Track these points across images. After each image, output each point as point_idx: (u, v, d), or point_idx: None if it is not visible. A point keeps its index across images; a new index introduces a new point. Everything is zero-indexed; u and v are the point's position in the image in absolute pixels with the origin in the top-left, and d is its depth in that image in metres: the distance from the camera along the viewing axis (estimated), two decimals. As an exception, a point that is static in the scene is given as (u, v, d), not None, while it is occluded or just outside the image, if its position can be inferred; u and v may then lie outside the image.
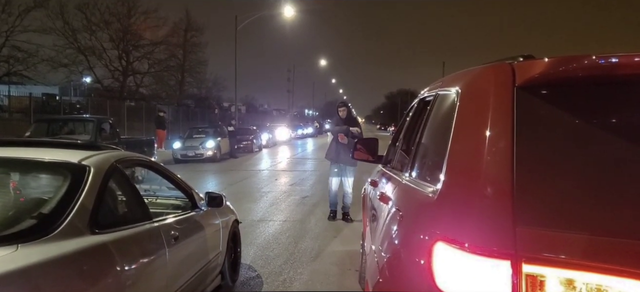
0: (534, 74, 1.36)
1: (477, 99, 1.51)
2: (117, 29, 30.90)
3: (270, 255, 5.35)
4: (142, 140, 12.44)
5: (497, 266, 1.10)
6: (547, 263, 1.07)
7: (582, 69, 1.35)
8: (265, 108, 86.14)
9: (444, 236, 1.24)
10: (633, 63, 1.32)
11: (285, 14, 28.64)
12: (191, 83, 40.02)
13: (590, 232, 1.09)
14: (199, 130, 18.48)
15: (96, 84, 33.21)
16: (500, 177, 1.21)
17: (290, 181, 11.91)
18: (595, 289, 1.03)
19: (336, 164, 7.14)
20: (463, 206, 1.29)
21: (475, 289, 1.14)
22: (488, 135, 1.32)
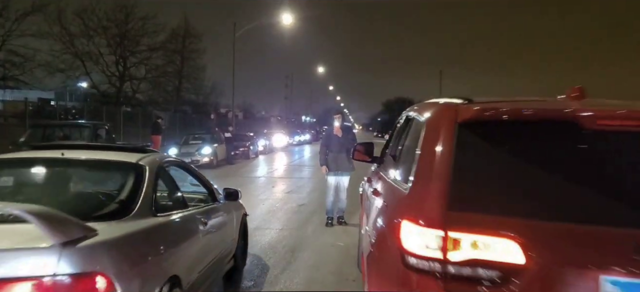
0: (466, 115, 2.15)
1: (434, 128, 2.25)
2: (114, 35, 30.88)
3: (267, 264, 5.29)
4: (137, 146, 12.31)
5: (436, 233, 1.91)
6: (463, 231, 1.88)
7: (490, 112, 2.16)
8: (263, 114, 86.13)
9: (408, 217, 2.05)
10: (517, 106, 2.26)
11: (284, 22, 28.71)
12: (189, 89, 39.90)
13: (489, 214, 1.91)
14: (196, 137, 18.39)
15: (92, 89, 33.13)
16: (442, 182, 2.00)
17: (286, 188, 11.84)
18: (484, 244, 1.86)
19: (334, 174, 7.12)
20: (420, 200, 2.09)
21: (422, 246, 1.94)
22: (438, 153, 2.11)
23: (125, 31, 31.29)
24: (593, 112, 2.01)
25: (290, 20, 28.34)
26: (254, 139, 24.34)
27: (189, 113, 41.24)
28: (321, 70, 60.87)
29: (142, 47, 32.67)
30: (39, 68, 25.88)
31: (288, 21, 28.44)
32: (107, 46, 31.00)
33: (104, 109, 22.40)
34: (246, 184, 12.89)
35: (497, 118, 2.12)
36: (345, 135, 7.18)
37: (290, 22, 28.69)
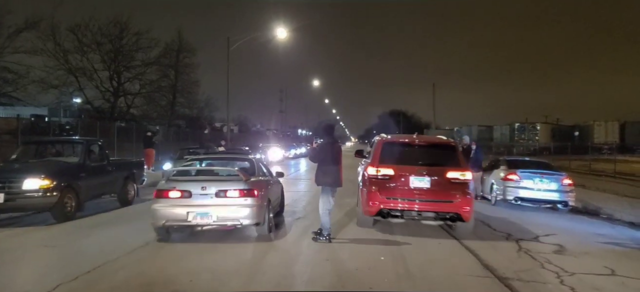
0: (384, 140, 8.53)
1: (377, 143, 8.55)
2: (108, 50, 30.77)
3: (262, 280, 5.20)
4: (131, 162, 12.20)
5: (376, 168, 7.89)
6: (381, 168, 7.93)
7: (393, 140, 8.69)
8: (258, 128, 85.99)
9: (370, 165, 8.06)
10: (406, 139, 8.97)
11: (278, 36, 28.73)
12: (183, 103, 39.76)
13: (387, 165, 7.88)
14: (190, 151, 18.25)
15: (86, 105, 32.96)
16: (377, 157, 8.03)
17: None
18: (385, 170, 7.81)
19: (330, 188, 7.07)
20: (373, 162, 8.06)
21: (372, 172, 7.90)
22: (376, 150, 8.25)
23: (120, 47, 31.20)
24: (416, 140, 8.69)
25: (285, 34, 28.39)
26: (250, 153, 24.23)
27: (183, 127, 41.10)
28: (316, 84, 60.82)
29: (136, 62, 32.55)
30: (32, 84, 25.71)
31: (282, 35, 28.51)
32: (101, 62, 30.85)
33: (98, 125, 22.20)
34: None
35: (391, 140, 8.58)
36: None
37: (285, 36, 28.74)
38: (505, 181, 11.55)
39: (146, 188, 14.41)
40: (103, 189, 10.18)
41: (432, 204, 7.59)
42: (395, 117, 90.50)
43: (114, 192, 10.68)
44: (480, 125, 66.07)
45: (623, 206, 11.41)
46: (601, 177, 19.77)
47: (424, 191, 7.59)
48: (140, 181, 11.99)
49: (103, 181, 10.07)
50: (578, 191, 12.51)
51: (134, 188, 11.34)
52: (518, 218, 9.99)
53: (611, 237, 8.22)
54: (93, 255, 6.10)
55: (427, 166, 7.72)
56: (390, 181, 7.69)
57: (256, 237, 7.15)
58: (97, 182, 9.81)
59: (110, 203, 10.72)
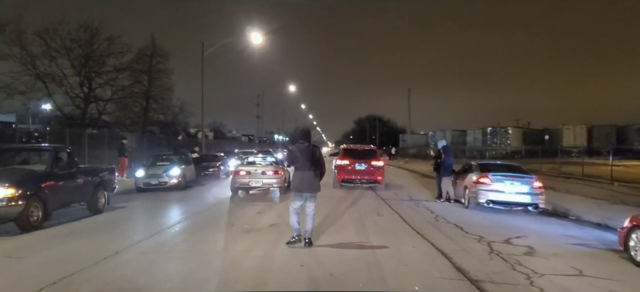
0: (345, 147, 19.90)
1: (341, 149, 19.35)
2: (78, 55, 30.02)
3: (234, 288, 5.12)
4: (102, 169, 11.89)
5: (340, 160, 17.06)
6: (342, 160, 16.97)
7: (349, 147, 19.40)
8: (233, 134, 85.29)
9: (337, 159, 17.33)
10: (354, 147, 19.73)
11: (253, 41, 28.63)
12: (156, 109, 39.09)
13: (345, 159, 17.05)
14: (163, 158, 17.95)
15: (57, 112, 32.08)
16: (341, 155, 17.48)
17: (256, 209, 11.64)
18: (343, 161, 16.93)
19: (299, 193, 7.02)
20: (340, 157, 17.35)
21: (339, 162, 16.96)
22: (342, 153, 17.75)
23: (90, 52, 30.44)
24: (358, 147, 19.38)
25: (260, 39, 28.31)
26: (224, 159, 24.03)
27: (157, 133, 40.40)
28: (293, 89, 60.77)
29: (107, 67, 31.85)
30: (-3, 90, 24.90)
31: (257, 40, 28.42)
32: (71, 67, 30.05)
33: (67, 132, 21.62)
34: (215, 205, 12.64)
35: (348, 147, 19.32)
36: None
37: (260, 42, 28.66)
38: (478, 184, 11.73)
39: (118, 196, 14.12)
40: (72, 197, 9.90)
41: (365, 176, 16.66)
42: (372, 122, 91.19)
43: (83, 201, 10.40)
44: (454, 130, 67.12)
45: (590, 207, 11.73)
46: (570, 180, 20.30)
47: (362, 171, 16.68)
48: (111, 188, 11.71)
49: (72, 189, 9.79)
50: (548, 193, 12.81)
51: (104, 196, 11.06)
52: (490, 221, 10.16)
53: (579, 238, 8.43)
54: (59, 266, 5.90)
55: (363, 159, 16.95)
56: (347, 166, 16.76)
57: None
58: (66, 191, 9.53)
59: (80, 212, 10.43)
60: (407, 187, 18.17)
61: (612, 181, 18.01)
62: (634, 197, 13.65)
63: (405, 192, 16.38)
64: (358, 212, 11.11)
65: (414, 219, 10.10)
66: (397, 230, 8.89)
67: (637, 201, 12.71)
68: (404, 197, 14.83)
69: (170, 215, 11.20)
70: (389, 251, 7.00)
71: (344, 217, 10.34)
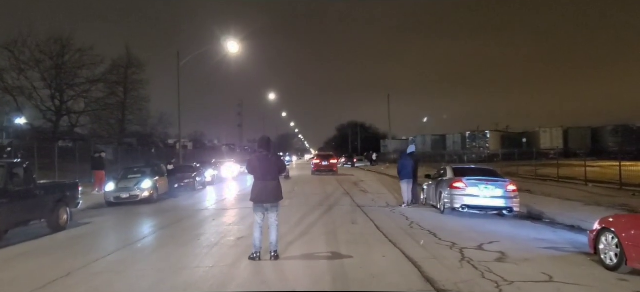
0: (317, 153, 47.87)
1: (314, 154, 54.01)
2: (49, 67, 29.30)
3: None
4: (64, 185, 11.42)
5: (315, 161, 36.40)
6: (315, 160, 36.51)
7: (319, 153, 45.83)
8: (214, 143, 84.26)
9: (314, 160, 37.28)
10: (321, 153, 43.38)
11: (230, 50, 28.22)
12: (133, 121, 38.39)
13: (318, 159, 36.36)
14: (135, 170, 17.44)
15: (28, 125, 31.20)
16: (314, 159, 38.28)
17: (228, 221, 11.31)
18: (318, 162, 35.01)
19: (260, 204, 6.74)
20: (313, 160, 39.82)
21: (313, 162, 36.31)
22: (315, 156, 44.54)
23: (62, 64, 29.79)
24: (324, 153, 40.01)
25: (237, 48, 27.94)
26: (200, 170, 23.56)
27: (134, 145, 39.66)
28: (274, 97, 60.33)
29: (80, 79, 31.22)
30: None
31: (234, 49, 28.03)
32: (41, 80, 29.36)
33: (36, 146, 20.93)
34: (186, 218, 12.25)
35: (319, 154, 43.74)
36: None
37: (237, 50, 28.27)
38: (452, 189, 11.61)
39: (86, 212, 13.64)
40: (30, 215, 9.44)
41: (326, 168, 32.97)
42: (353, 128, 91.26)
43: (43, 218, 9.93)
44: (434, 135, 67.55)
45: (565, 209, 11.70)
46: (547, 182, 20.41)
47: (325, 165, 33.26)
48: (75, 204, 11.24)
49: (29, 206, 9.34)
50: (524, 196, 12.77)
51: (67, 212, 10.60)
52: (464, 226, 10.02)
53: (552, 242, 8.32)
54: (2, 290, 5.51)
55: (325, 159, 34.43)
56: (319, 164, 33.82)
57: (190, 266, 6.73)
58: (22, 208, 9.09)
59: (41, 230, 9.96)
60: (385, 194, 18.00)
61: (586, 182, 18.15)
62: (607, 198, 13.70)
63: (383, 198, 16.20)
64: (332, 221, 10.86)
65: (388, 227, 9.89)
66: (369, 239, 8.66)
67: (610, 201, 12.74)
68: (381, 203, 14.64)
69: (136, 230, 10.78)
70: (358, 261, 6.77)
71: (317, 225, 10.09)
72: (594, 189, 16.42)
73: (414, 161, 14.31)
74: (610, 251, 6.07)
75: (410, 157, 14.27)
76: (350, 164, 55.93)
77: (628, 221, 6.13)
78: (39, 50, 28.50)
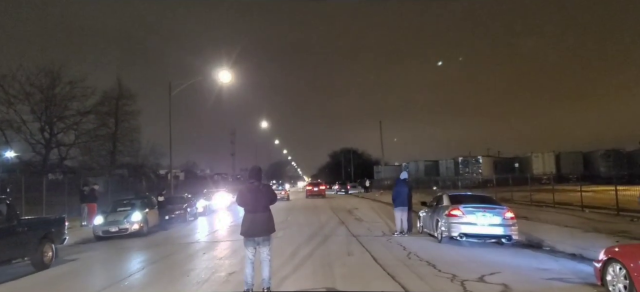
0: (308, 181, 68.74)
1: (307, 182, 74.47)
2: (39, 100, 28.96)
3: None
4: (49, 220, 11.01)
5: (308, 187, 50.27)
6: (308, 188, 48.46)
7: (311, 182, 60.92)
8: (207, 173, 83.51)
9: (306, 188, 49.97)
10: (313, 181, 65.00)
11: (222, 80, 28.08)
12: (124, 152, 37.97)
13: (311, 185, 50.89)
14: (124, 203, 17.02)
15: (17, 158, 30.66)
16: (307, 186, 52.85)
17: (219, 254, 10.95)
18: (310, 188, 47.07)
19: (250, 238, 6.42)
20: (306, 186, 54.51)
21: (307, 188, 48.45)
22: (308, 184, 59.92)
23: (52, 96, 29.45)
24: (311, 181, 63.95)
25: (229, 78, 27.83)
26: (192, 201, 23.14)
27: (126, 177, 39.10)
28: (267, 125, 60.13)
29: (70, 111, 30.85)
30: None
31: (226, 79, 27.91)
32: (31, 112, 28.96)
33: (23, 180, 20.45)
34: (176, 252, 11.85)
35: (311, 182, 59.14)
36: None
37: (229, 80, 28.16)
38: (449, 216, 11.37)
39: (73, 247, 13.20)
40: (11, 253, 9.03)
41: (317, 192, 43.20)
42: (346, 155, 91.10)
43: (26, 256, 9.52)
44: (426, 160, 67.54)
45: (564, 236, 11.48)
46: (542, 208, 20.23)
47: (316, 190, 43.71)
48: (61, 240, 10.83)
49: (11, 243, 8.95)
50: (521, 223, 12.55)
51: (52, 249, 10.19)
52: (463, 256, 9.76)
53: (554, 272, 8.07)
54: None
55: (316, 185, 46.31)
56: (311, 189, 44.57)
57: None
58: (3, 246, 8.70)
59: (25, 268, 9.55)
60: (380, 222, 17.71)
61: (583, 208, 17.99)
62: (605, 224, 13.51)
63: (378, 227, 15.90)
64: (327, 252, 10.55)
65: (386, 258, 9.59)
66: (366, 272, 8.36)
67: (609, 227, 12.55)
68: (377, 232, 14.34)
69: (124, 266, 10.37)
70: (355, 298, 6.47)
71: (312, 258, 9.77)
72: (590, 215, 16.24)
73: (408, 187, 14.10)
74: (619, 283, 5.83)
75: (404, 184, 14.07)
76: (344, 191, 55.59)
77: (636, 250, 5.92)
78: (29, 83, 28.20)
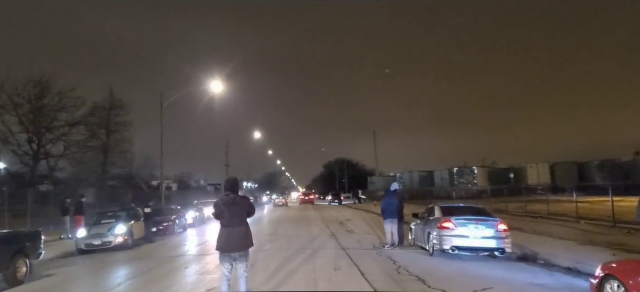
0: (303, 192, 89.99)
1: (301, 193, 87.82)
2: (27, 111, 28.45)
3: None
4: (23, 234, 10.49)
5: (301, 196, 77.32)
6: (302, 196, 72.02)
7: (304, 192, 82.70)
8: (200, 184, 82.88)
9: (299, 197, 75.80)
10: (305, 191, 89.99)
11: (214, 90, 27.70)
12: (116, 163, 37.43)
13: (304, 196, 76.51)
14: (108, 215, 16.52)
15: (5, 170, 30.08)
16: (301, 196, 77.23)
17: (202, 268, 10.52)
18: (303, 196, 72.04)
19: (226, 253, 6.04)
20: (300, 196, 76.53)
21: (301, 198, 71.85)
22: (302, 194, 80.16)
23: (40, 107, 28.96)
24: (304, 191, 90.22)
25: (220, 88, 27.45)
26: (180, 212, 22.68)
27: (118, 188, 38.53)
28: (260, 136, 59.71)
29: (59, 122, 30.34)
30: None
31: (218, 89, 27.53)
32: (18, 123, 28.42)
33: (6, 191, 19.95)
34: (157, 266, 11.41)
35: (304, 192, 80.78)
36: None
37: (221, 90, 27.78)
38: (441, 229, 11.02)
39: (53, 261, 12.75)
40: (-19, 268, 8.59)
41: (309, 200, 60.43)
42: (340, 166, 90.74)
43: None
44: (421, 171, 67.27)
45: (559, 249, 11.14)
46: (537, 219, 19.92)
47: (308, 199, 61.92)
48: (36, 254, 10.37)
49: (-21, 259, 8.50)
50: (515, 235, 12.21)
51: (26, 264, 9.74)
52: (455, 270, 9.39)
53: (550, 287, 7.72)
54: None
55: (308, 195, 66.37)
56: (304, 198, 63.42)
57: None
58: (-29, 262, 8.25)
59: (-4, 284, 9.10)
60: (372, 234, 17.32)
61: (578, 219, 17.69)
62: (601, 236, 13.19)
63: (369, 239, 15.51)
64: (313, 267, 10.14)
65: (374, 273, 9.21)
66: (352, 288, 7.98)
67: (605, 240, 12.23)
68: (367, 245, 13.96)
69: (99, 283, 9.91)
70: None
71: (298, 273, 9.38)
72: (586, 226, 15.94)
73: (399, 199, 13.76)
74: (616, 301, 5.51)
75: (394, 195, 13.72)
76: (337, 201, 55.12)
77: (634, 267, 5.59)
78: (17, 94, 27.71)
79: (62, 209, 19.02)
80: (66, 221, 18.53)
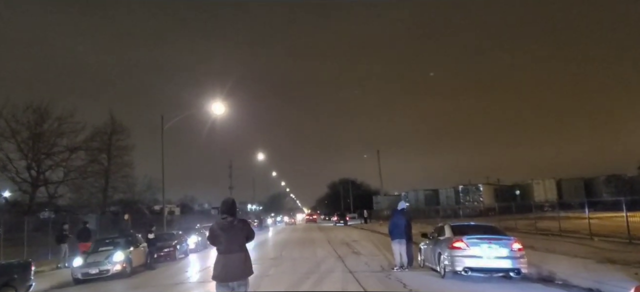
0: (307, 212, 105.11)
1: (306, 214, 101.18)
2: (25, 138, 28.22)
3: None
4: (11, 266, 10.03)
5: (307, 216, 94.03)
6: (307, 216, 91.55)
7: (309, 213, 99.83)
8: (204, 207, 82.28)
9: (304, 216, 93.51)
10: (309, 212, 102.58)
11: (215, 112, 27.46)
12: (118, 188, 37.04)
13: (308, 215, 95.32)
14: (107, 242, 16.00)
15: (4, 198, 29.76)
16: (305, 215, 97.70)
17: (203, 297, 10.04)
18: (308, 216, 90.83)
19: (224, 284, 5.53)
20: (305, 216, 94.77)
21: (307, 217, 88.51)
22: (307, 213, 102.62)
23: (39, 133, 28.75)
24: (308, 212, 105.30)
25: (222, 110, 27.19)
26: (182, 237, 22.15)
27: (120, 213, 38.11)
28: (263, 158, 59.26)
29: (59, 148, 30.10)
30: None
31: (220, 111, 27.28)
32: (17, 150, 28.18)
33: (2, 220, 19.50)
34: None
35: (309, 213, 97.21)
36: None
37: (223, 112, 27.52)
38: (452, 249, 10.52)
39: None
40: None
41: (313, 220, 76.73)
42: (345, 185, 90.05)
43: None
44: (426, 190, 66.60)
45: (576, 268, 10.60)
46: (549, 237, 19.33)
47: (312, 219, 78.83)
48: (26, 286, 9.89)
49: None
50: (529, 253, 11.67)
51: (14, 297, 9.26)
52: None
53: (573, 310, 7.20)
54: None
55: (312, 216, 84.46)
56: (309, 218, 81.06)
57: None
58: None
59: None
60: (379, 255, 16.77)
61: (591, 236, 17.09)
62: (618, 253, 12.63)
63: (376, 261, 14.97)
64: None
65: (383, 298, 8.71)
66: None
67: (623, 258, 11.67)
68: (375, 267, 13.42)
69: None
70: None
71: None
72: (600, 244, 15.36)
73: (407, 218, 13.27)
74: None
75: (402, 215, 13.24)
76: (343, 222, 54.35)
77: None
78: (15, 120, 27.55)
79: (58, 237, 18.50)
80: (62, 249, 18.02)
